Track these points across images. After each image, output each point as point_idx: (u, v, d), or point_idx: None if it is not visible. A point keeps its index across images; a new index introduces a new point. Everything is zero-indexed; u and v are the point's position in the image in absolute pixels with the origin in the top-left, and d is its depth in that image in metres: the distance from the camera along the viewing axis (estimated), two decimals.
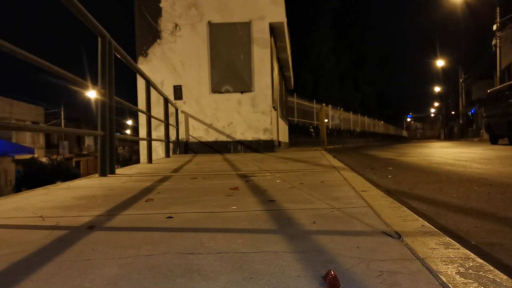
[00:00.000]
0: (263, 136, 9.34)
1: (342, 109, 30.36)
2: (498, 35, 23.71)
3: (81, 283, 1.09)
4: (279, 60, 12.98)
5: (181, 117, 9.37)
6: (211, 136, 9.39)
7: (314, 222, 1.73)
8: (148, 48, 9.43)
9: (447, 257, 1.19)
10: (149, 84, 6.17)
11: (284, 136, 14.47)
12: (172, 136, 9.02)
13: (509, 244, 1.88)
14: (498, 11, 23.53)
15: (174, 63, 9.41)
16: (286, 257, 1.25)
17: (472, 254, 1.23)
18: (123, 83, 9.69)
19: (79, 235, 1.61)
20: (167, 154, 8.11)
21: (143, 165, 6.03)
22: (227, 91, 9.33)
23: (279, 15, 9.47)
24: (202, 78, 9.35)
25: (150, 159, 6.30)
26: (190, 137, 9.41)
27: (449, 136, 48.84)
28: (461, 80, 38.25)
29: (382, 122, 46.04)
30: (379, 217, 1.79)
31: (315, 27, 33.23)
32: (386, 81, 51.18)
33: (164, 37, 9.44)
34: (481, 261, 1.16)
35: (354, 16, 40.69)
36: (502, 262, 1.63)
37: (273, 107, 9.87)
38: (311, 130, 22.86)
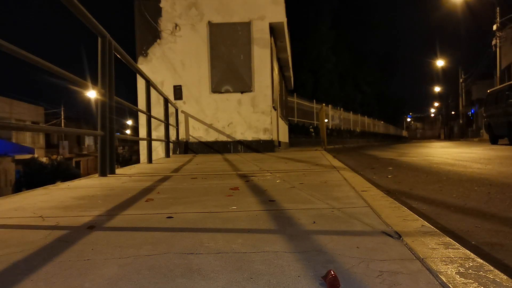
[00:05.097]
0: (263, 136, 9.34)
1: (342, 109, 30.33)
2: (498, 35, 23.71)
3: (81, 283, 1.09)
4: (279, 60, 12.98)
5: (181, 117, 9.37)
6: (211, 136, 9.39)
7: (314, 222, 1.73)
8: (148, 48, 9.44)
9: (447, 257, 1.19)
10: (149, 84, 6.17)
11: (284, 136, 14.47)
12: (172, 136, 9.02)
13: (509, 244, 1.88)
14: (498, 11, 23.53)
15: (174, 63, 9.42)
16: (286, 257, 1.25)
17: (472, 254, 1.23)
18: (123, 83, 9.70)
19: (79, 235, 1.61)
20: (167, 154, 8.11)
21: (143, 165, 6.03)
22: (227, 91, 9.34)
23: (279, 15, 9.47)
24: (202, 78, 9.35)
25: (150, 159, 6.30)
26: (190, 137, 9.41)
27: (449, 136, 48.85)
28: (461, 80, 38.27)
29: (382, 122, 46.01)
30: (379, 217, 1.79)
31: (315, 27, 33.22)
32: (386, 81, 51.14)
33: (164, 37, 9.44)
34: (481, 261, 1.16)
35: (354, 16, 40.65)
36: (502, 262, 1.63)
37: (273, 107, 9.87)
38: (311, 130, 22.85)
